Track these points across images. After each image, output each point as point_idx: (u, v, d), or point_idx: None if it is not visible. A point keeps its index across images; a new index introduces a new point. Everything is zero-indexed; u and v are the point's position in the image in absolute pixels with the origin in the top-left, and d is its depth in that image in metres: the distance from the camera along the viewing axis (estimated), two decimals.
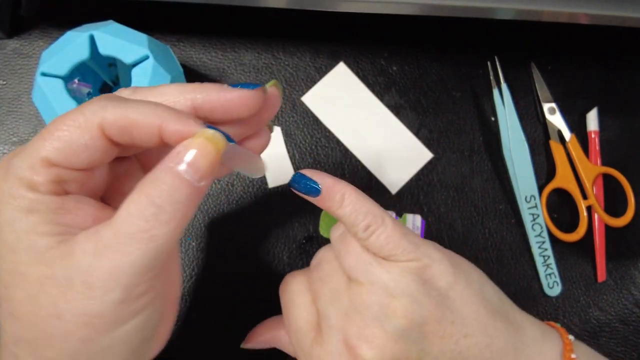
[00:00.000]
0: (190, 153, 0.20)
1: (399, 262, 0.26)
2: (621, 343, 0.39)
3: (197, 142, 0.20)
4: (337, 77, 0.41)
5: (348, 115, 0.41)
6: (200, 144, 0.20)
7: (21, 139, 0.39)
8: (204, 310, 0.38)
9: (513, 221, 0.40)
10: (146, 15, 0.39)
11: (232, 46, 0.41)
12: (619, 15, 0.34)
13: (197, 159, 0.20)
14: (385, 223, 0.26)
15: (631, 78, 0.42)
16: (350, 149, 0.40)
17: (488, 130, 0.41)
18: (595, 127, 0.41)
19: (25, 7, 0.41)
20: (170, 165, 0.20)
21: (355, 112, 0.41)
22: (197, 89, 0.22)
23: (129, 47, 0.31)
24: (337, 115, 0.41)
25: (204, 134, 0.20)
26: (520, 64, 0.42)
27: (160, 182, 0.20)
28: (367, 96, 0.41)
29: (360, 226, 0.26)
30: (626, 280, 0.40)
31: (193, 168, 0.20)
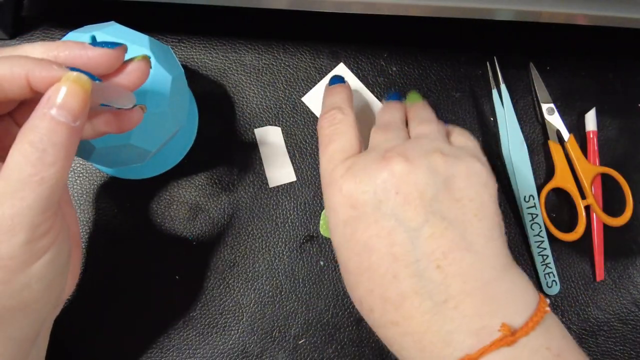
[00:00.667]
0: (60, 96, 0.21)
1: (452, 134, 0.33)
2: (620, 342, 0.39)
3: (64, 84, 0.22)
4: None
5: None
6: (68, 86, 0.22)
7: None
8: (204, 310, 0.38)
9: (512, 221, 0.40)
10: (147, 16, 0.39)
11: (233, 47, 0.41)
12: (617, 16, 0.35)
13: (67, 101, 0.22)
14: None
15: (629, 79, 0.43)
16: None
17: (487, 131, 0.42)
18: (594, 128, 0.41)
19: (27, 8, 0.41)
20: (45, 111, 0.21)
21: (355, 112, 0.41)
22: (60, 46, 0.24)
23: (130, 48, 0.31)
24: None
25: (69, 77, 0.22)
26: (519, 65, 0.42)
27: (38, 128, 0.21)
28: (367, 96, 0.41)
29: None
30: (624, 280, 0.40)
31: (65, 110, 0.21)
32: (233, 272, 0.39)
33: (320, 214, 0.40)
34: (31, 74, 0.22)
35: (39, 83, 0.22)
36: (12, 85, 0.22)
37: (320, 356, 0.38)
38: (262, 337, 0.38)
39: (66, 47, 0.24)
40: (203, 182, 0.39)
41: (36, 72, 0.22)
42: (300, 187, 0.40)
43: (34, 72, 0.22)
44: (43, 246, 0.22)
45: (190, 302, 0.38)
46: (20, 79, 0.22)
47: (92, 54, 0.24)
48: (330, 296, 0.38)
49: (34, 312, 0.24)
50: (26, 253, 0.22)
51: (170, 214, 0.39)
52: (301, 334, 0.38)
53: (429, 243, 0.26)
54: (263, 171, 0.40)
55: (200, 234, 0.39)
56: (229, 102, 0.41)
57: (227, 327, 0.38)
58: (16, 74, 0.22)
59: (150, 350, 0.37)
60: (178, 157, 0.39)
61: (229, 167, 0.40)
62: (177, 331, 0.38)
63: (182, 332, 0.38)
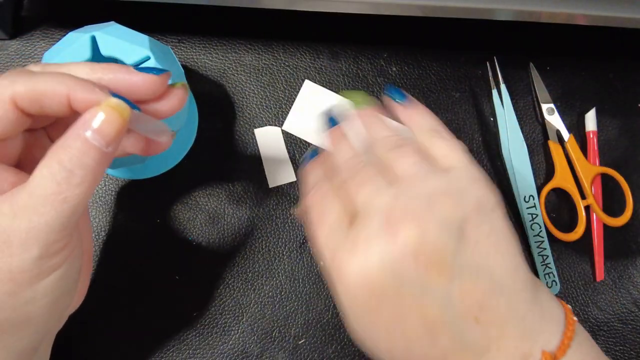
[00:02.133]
0: (97, 120, 0.22)
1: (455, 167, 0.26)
2: (619, 342, 0.39)
3: (103, 109, 0.22)
4: (307, 97, 0.41)
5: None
6: (107, 111, 0.22)
7: None
8: (204, 310, 0.38)
9: (512, 221, 0.40)
10: (147, 17, 0.39)
11: (233, 47, 0.41)
12: (617, 16, 0.35)
13: (103, 126, 0.22)
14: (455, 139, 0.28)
15: (629, 79, 0.43)
16: None
17: (487, 131, 0.42)
18: (594, 128, 0.41)
19: (27, 8, 0.41)
20: (80, 132, 0.22)
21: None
22: (106, 69, 0.24)
23: (130, 48, 0.31)
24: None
25: (109, 103, 0.22)
26: (519, 65, 0.42)
27: (70, 147, 0.21)
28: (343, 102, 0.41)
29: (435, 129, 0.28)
30: (624, 280, 0.40)
31: (100, 134, 0.22)
32: (233, 272, 0.39)
33: None
34: (72, 94, 0.22)
35: (79, 104, 0.22)
36: (52, 102, 0.22)
37: (320, 356, 0.38)
38: (262, 337, 0.38)
39: (111, 70, 0.24)
40: (203, 182, 0.39)
41: (78, 93, 0.22)
42: (300, 187, 0.40)
43: (76, 92, 0.22)
44: (55, 263, 0.22)
45: (190, 302, 0.38)
46: (61, 97, 0.22)
47: (137, 79, 0.24)
48: (330, 296, 0.38)
49: (37, 325, 0.24)
50: (37, 268, 0.22)
51: (170, 214, 0.39)
52: (301, 334, 0.38)
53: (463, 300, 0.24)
54: (263, 171, 0.40)
55: (200, 234, 0.39)
56: (229, 102, 0.41)
57: (227, 327, 0.38)
58: (58, 91, 0.22)
59: (150, 350, 0.37)
60: (178, 158, 0.39)
61: (228, 167, 0.40)
62: (177, 331, 0.38)
63: (182, 332, 0.38)
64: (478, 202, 0.25)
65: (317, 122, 0.30)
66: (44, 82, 0.22)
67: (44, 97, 0.22)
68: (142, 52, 0.31)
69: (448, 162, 0.27)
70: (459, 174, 0.26)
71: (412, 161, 0.26)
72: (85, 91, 0.22)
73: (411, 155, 0.27)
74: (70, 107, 0.22)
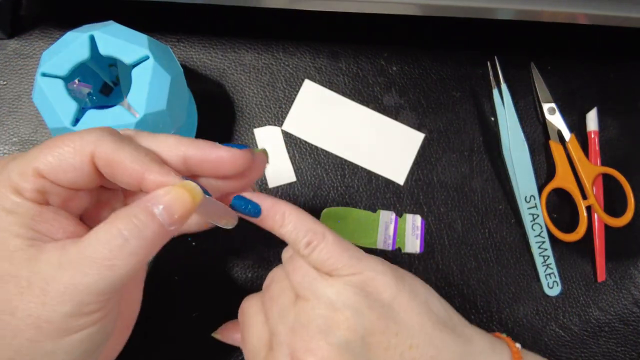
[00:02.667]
0: (169, 198, 0.22)
1: (341, 276, 0.26)
2: (621, 343, 0.39)
3: (176, 190, 0.22)
4: (307, 96, 0.41)
5: (331, 126, 0.41)
6: (180, 192, 0.22)
7: (22, 139, 0.39)
8: (205, 310, 0.38)
9: (513, 221, 0.40)
10: (146, 16, 0.39)
11: (232, 46, 0.41)
12: (618, 15, 0.34)
13: (173, 204, 0.22)
14: (326, 239, 0.26)
15: (631, 78, 0.42)
16: (345, 157, 0.40)
17: (488, 131, 0.41)
18: (595, 127, 0.41)
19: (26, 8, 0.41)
20: (148, 204, 0.22)
21: (337, 120, 0.41)
22: (192, 144, 0.24)
23: (129, 48, 0.31)
24: (321, 131, 0.41)
25: (185, 185, 0.22)
26: (520, 64, 0.42)
27: (133, 217, 0.21)
28: (343, 101, 0.41)
29: (302, 243, 0.26)
30: (626, 280, 0.40)
31: (168, 212, 0.22)
32: (233, 273, 0.38)
33: (320, 214, 0.39)
34: (147, 174, 0.22)
35: (150, 184, 0.22)
36: (123, 175, 0.22)
37: None
38: None
39: (197, 146, 0.24)
40: None
41: (152, 175, 0.22)
42: (300, 187, 0.40)
43: (150, 173, 0.22)
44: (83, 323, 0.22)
45: (190, 303, 0.38)
46: (134, 172, 0.22)
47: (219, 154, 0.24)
48: None
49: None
50: (65, 324, 0.21)
51: None
52: None
53: None
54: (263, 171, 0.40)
55: (200, 235, 0.39)
56: (229, 102, 0.41)
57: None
58: (133, 167, 0.22)
59: (150, 350, 0.37)
60: None
61: None
62: (177, 332, 0.38)
63: (182, 333, 0.38)
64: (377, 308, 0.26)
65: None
66: (126, 152, 0.22)
67: (119, 166, 0.22)
68: (141, 51, 0.31)
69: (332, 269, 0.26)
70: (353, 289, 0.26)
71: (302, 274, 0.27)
72: (159, 174, 0.22)
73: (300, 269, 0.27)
74: (140, 185, 0.23)
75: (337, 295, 0.25)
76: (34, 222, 0.22)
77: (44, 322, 0.21)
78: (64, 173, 0.22)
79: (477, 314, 0.39)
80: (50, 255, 0.21)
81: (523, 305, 0.39)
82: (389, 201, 0.40)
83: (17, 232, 0.21)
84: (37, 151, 0.22)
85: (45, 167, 0.22)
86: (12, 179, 0.22)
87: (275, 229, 0.27)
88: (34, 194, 0.22)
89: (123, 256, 0.21)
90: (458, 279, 0.39)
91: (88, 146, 0.22)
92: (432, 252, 0.40)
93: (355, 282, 0.26)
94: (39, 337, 0.21)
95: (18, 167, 0.22)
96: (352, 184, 0.40)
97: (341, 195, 0.40)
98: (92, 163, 0.22)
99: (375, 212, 0.40)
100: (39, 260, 0.21)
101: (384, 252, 0.39)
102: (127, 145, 0.23)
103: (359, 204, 0.40)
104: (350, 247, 0.27)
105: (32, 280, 0.21)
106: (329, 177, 0.40)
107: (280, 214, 0.27)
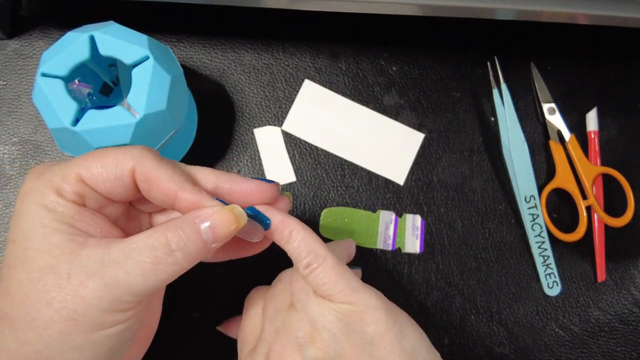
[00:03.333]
0: (216, 217, 0.24)
1: (333, 302, 0.27)
2: (621, 343, 0.39)
3: (224, 211, 0.24)
4: (307, 96, 0.41)
5: (331, 126, 0.41)
6: (226, 213, 0.24)
7: (22, 139, 0.39)
8: (204, 310, 0.38)
9: (513, 221, 0.40)
10: (146, 16, 0.39)
11: (232, 46, 0.41)
12: (618, 15, 0.34)
13: (219, 224, 0.24)
14: (326, 263, 0.27)
15: (630, 78, 0.42)
16: (345, 157, 0.40)
17: (488, 131, 0.41)
18: (595, 127, 0.41)
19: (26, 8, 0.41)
20: (196, 220, 0.23)
21: (337, 121, 0.41)
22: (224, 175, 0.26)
23: (129, 48, 0.31)
24: (321, 131, 0.41)
25: (233, 209, 0.24)
26: (520, 64, 0.42)
27: (183, 230, 0.23)
28: (343, 101, 0.41)
29: (302, 263, 0.27)
30: (626, 280, 0.40)
31: (213, 231, 0.23)
32: (233, 273, 0.38)
33: (320, 213, 0.39)
34: (180, 193, 0.24)
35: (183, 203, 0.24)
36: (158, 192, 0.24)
37: None
38: None
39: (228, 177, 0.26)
40: None
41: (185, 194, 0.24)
42: (300, 187, 0.40)
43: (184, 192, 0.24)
44: (115, 320, 0.23)
45: (190, 303, 0.38)
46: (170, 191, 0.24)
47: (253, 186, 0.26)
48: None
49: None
50: (99, 319, 0.22)
51: None
52: None
53: None
54: (263, 171, 0.40)
55: None
56: (229, 102, 0.41)
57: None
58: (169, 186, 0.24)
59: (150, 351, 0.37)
60: (177, 157, 0.39)
61: (228, 167, 0.40)
62: (177, 332, 0.38)
63: (182, 333, 0.38)
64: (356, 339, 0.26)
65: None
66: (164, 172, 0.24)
67: (156, 184, 0.24)
68: (141, 51, 0.31)
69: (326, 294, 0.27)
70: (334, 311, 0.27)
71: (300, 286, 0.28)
72: (192, 194, 0.24)
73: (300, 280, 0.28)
74: (173, 203, 0.24)
75: (321, 316, 0.26)
76: (74, 220, 0.23)
77: (79, 316, 0.22)
78: (104, 182, 0.24)
79: (477, 314, 0.39)
80: (92, 251, 0.22)
81: (523, 305, 0.39)
82: (389, 201, 0.40)
83: (58, 227, 0.22)
84: (82, 159, 0.24)
85: (87, 174, 0.23)
86: (54, 181, 0.23)
87: (281, 244, 0.28)
88: (74, 196, 0.23)
89: (167, 264, 0.23)
90: (458, 279, 0.39)
91: (131, 161, 0.24)
92: (432, 252, 0.40)
93: (343, 310, 0.26)
94: (71, 330, 0.22)
95: (61, 171, 0.24)
96: (352, 184, 0.40)
97: (341, 195, 0.40)
98: (131, 177, 0.24)
99: (375, 212, 0.40)
100: (80, 255, 0.22)
101: (384, 252, 0.39)
102: (166, 165, 0.24)
103: (359, 204, 0.40)
104: (348, 275, 0.27)
105: (72, 273, 0.22)
106: (329, 177, 0.40)
107: (288, 231, 0.27)
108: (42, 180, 0.23)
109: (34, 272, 0.22)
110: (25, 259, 0.22)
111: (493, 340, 0.39)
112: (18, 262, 0.23)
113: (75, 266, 0.22)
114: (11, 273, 0.23)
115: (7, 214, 0.39)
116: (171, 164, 0.25)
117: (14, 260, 0.23)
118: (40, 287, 0.22)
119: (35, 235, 0.22)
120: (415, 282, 0.39)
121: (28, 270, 0.22)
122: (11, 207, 0.39)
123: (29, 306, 0.22)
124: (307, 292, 0.27)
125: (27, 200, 0.23)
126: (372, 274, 0.39)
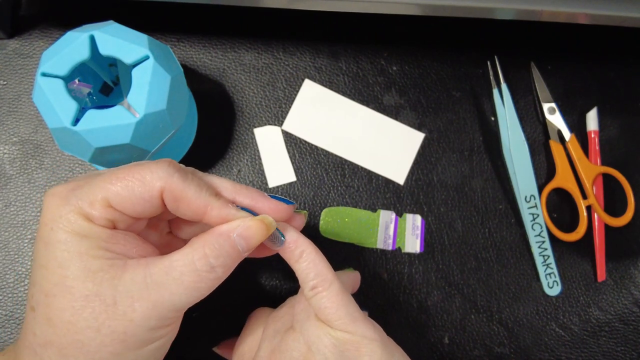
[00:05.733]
0: (249, 228, 0.25)
1: (332, 328, 0.27)
2: (621, 342, 0.39)
3: (256, 222, 0.25)
4: (307, 96, 0.41)
5: (331, 126, 0.41)
6: (259, 224, 0.25)
7: (22, 139, 0.39)
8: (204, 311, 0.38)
9: (513, 221, 0.40)
10: (146, 16, 0.39)
11: (232, 46, 0.41)
12: (618, 15, 0.34)
13: (251, 234, 0.25)
14: (331, 288, 0.27)
15: (631, 78, 0.42)
16: (345, 157, 0.40)
17: (488, 130, 0.41)
18: (595, 127, 0.41)
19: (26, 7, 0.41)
20: (230, 233, 0.24)
21: (337, 120, 0.41)
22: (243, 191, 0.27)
23: (129, 48, 0.31)
24: (321, 130, 0.41)
25: (264, 219, 0.25)
26: (520, 64, 0.42)
27: (219, 245, 0.24)
28: (343, 101, 0.41)
29: (308, 284, 0.27)
30: (626, 280, 0.40)
31: (246, 241, 0.25)
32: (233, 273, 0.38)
33: (320, 213, 0.39)
34: (210, 210, 0.24)
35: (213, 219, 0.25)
36: (187, 209, 0.24)
37: None
38: None
39: (247, 194, 0.26)
40: None
41: (214, 211, 0.24)
42: (300, 187, 0.40)
43: (213, 208, 0.24)
44: (161, 334, 0.24)
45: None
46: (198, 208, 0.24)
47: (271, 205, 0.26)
48: None
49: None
50: (147, 335, 0.23)
51: None
52: None
53: None
54: (263, 171, 0.40)
55: None
56: (229, 102, 0.41)
57: (228, 328, 0.38)
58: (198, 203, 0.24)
59: None
60: (177, 157, 0.39)
61: (228, 167, 0.40)
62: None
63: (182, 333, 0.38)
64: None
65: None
66: (193, 190, 0.24)
67: (184, 202, 0.24)
68: (141, 51, 0.31)
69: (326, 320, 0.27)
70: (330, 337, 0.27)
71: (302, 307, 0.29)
72: (220, 210, 0.25)
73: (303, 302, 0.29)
74: (202, 218, 0.25)
75: (318, 339, 0.27)
76: (109, 244, 0.23)
77: (129, 336, 0.23)
78: (133, 205, 0.24)
79: (477, 314, 0.39)
80: (134, 274, 0.23)
81: (523, 305, 0.39)
82: (389, 201, 0.40)
83: (96, 254, 0.23)
84: (106, 181, 0.24)
85: (114, 198, 0.23)
86: (82, 207, 0.23)
87: (291, 262, 0.28)
88: (104, 221, 0.24)
89: (207, 280, 0.24)
90: (458, 279, 0.39)
91: (158, 182, 0.24)
92: (432, 252, 0.40)
93: (340, 338, 0.27)
94: (122, 349, 0.23)
95: (87, 196, 0.23)
96: (352, 183, 0.40)
97: (341, 195, 0.40)
98: (160, 196, 0.24)
99: (375, 212, 0.40)
100: (122, 279, 0.23)
101: (384, 251, 0.39)
102: (192, 182, 0.24)
103: (359, 203, 0.40)
104: (350, 304, 0.27)
105: (117, 299, 0.22)
106: (329, 177, 0.40)
107: (299, 251, 0.27)
108: (70, 206, 0.23)
109: (77, 300, 0.22)
110: (65, 287, 0.22)
111: (493, 340, 0.39)
112: (57, 290, 0.23)
113: (120, 291, 0.23)
114: (50, 301, 0.23)
115: (7, 213, 0.39)
116: (196, 179, 0.25)
117: (52, 288, 0.23)
118: (87, 315, 0.22)
119: (72, 264, 0.23)
120: (416, 282, 0.39)
121: (70, 299, 0.22)
122: (11, 207, 0.39)
123: (76, 333, 0.22)
124: (308, 315, 0.28)
125: (55, 228, 0.23)
126: (372, 273, 0.39)
